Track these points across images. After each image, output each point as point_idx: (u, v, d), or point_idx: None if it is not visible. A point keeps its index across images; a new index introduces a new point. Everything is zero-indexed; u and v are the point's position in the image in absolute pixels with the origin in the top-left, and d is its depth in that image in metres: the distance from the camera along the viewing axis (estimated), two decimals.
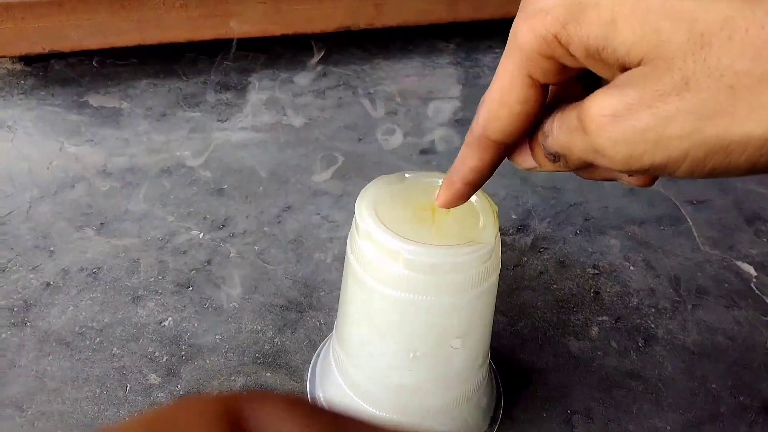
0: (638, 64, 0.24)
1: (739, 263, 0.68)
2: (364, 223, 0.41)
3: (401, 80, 1.03)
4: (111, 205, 0.70)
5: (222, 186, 0.75)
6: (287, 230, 0.69)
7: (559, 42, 0.25)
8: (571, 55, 0.26)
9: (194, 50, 1.00)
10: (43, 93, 0.89)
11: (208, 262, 0.64)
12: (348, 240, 0.45)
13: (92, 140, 0.81)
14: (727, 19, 0.21)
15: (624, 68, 0.24)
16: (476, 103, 0.88)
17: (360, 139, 0.87)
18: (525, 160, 0.32)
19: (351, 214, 0.73)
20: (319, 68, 1.04)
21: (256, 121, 0.88)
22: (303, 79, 1.01)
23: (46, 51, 0.86)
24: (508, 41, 0.28)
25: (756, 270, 0.67)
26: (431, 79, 1.04)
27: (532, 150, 0.31)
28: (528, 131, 0.30)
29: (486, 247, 0.40)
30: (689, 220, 0.75)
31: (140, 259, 0.63)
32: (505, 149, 0.31)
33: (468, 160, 0.32)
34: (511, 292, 0.64)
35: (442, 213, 0.43)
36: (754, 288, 0.64)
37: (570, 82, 0.30)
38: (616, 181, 0.31)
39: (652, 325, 0.62)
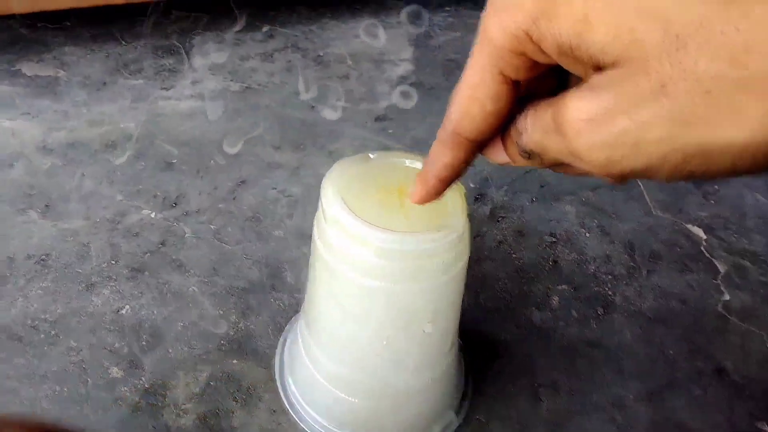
0: (613, 65, 0.23)
1: (689, 226, 0.70)
2: (332, 209, 0.40)
3: (351, 41, 1.00)
4: (54, 185, 0.67)
5: (171, 160, 0.72)
6: (243, 206, 0.67)
7: (531, 39, 0.25)
8: (543, 52, 0.25)
9: (132, 11, 0.94)
10: None
11: (163, 243, 0.62)
12: (314, 225, 0.44)
13: (28, 113, 0.76)
14: (702, 20, 0.21)
15: (598, 67, 0.24)
16: (428, 66, 0.87)
17: (312, 107, 0.85)
18: (497, 155, 0.32)
19: (308, 188, 0.71)
20: (265, 29, 1.00)
21: (201, 87, 0.85)
22: (249, 41, 0.97)
23: None
24: (477, 35, 0.27)
25: (705, 233, 0.69)
26: (382, 40, 1.02)
27: (504, 145, 0.31)
28: (501, 127, 0.30)
29: (456, 232, 0.39)
30: (640, 184, 0.76)
31: (90, 243, 0.61)
32: (479, 145, 0.31)
33: (441, 156, 0.32)
34: (473, 264, 0.64)
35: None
36: (704, 252, 0.67)
37: (542, 75, 0.29)
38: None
39: (610, 293, 0.63)
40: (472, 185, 0.75)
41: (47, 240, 0.60)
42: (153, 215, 0.64)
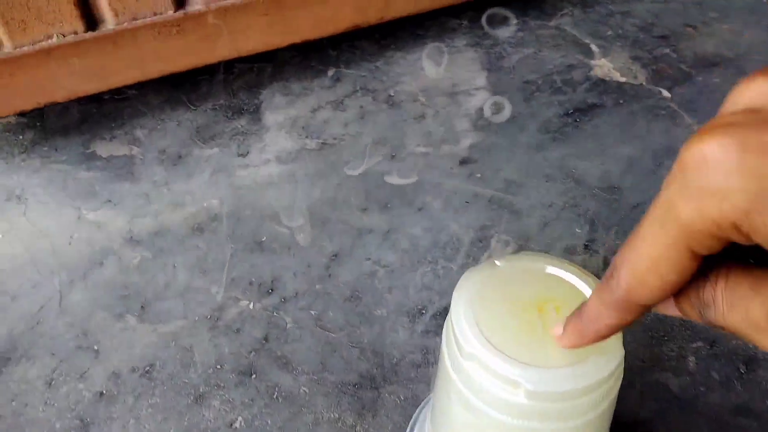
0: None
1: None
2: (469, 345, 0.36)
3: (420, 74, 0.96)
4: (147, 281, 0.65)
5: (261, 238, 0.69)
6: (341, 284, 0.64)
7: (738, 229, 0.20)
8: (752, 239, 0.21)
9: (196, 71, 0.92)
10: (45, 148, 0.83)
11: (266, 338, 0.59)
12: (444, 346, 0.40)
13: (110, 200, 0.75)
14: None
15: None
16: (504, 90, 0.80)
17: (393, 156, 0.81)
18: (666, 308, 0.28)
19: (402, 254, 0.68)
20: (330, 72, 0.97)
21: (278, 149, 0.82)
22: (317, 88, 0.93)
23: (42, 105, 0.79)
24: (658, 207, 0.23)
25: None
26: (452, 68, 0.97)
27: (677, 302, 0.27)
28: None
29: (615, 359, 0.35)
30: None
31: (193, 347, 0.58)
32: (650, 308, 0.27)
33: (606, 318, 0.28)
34: None
35: (550, 310, 0.38)
36: None
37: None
38: None
39: (750, 345, 0.57)
40: (578, 230, 0.70)
41: (149, 348, 0.58)
42: (251, 306, 0.62)
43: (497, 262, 0.41)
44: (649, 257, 0.23)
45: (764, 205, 0.19)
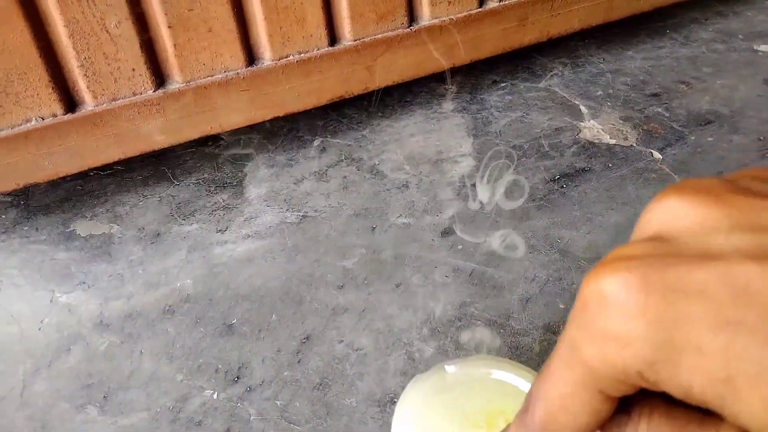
0: None
1: None
2: None
3: (406, 142, 0.95)
4: (113, 369, 0.63)
5: (231, 321, 0.67)
6: (310, 371, 0.61)
7: (645, 379, 0.18)
8: (660, 388, 0.19)
9: (182, 145, 0.92)
10: (26, 228, 0.83)
11: None
12: None
13: (84, 282, 0.74)
14: None
15: (745, 430, 0.17)
16: (492, 158, 0.77)
17: (374, 228, 0.79)
18: None
19: (376, 336, 0.65)
20: (316, 142, 0.96)
21: (258, 224, 0.81)
22: (302, 158, 0.93)
23: (21, 186, 0.79)
24: (563, 344, 0.21)
25: None
26: (438, 135, 0.96)
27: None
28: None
29: None
30: None
31: None
32: None
33: None
34: None
35: (500, 424, 0.35)
36: None
37: None
38: None
39: None
40: (562, 306, 0.67)
41: None
42: (215, 396, 0.60)
43: (447, 368, 0.39)
44: (560, 395, 0.21)
45: (670, 356, 0.17)
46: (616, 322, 0.18)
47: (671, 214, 0.19)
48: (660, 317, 0.17)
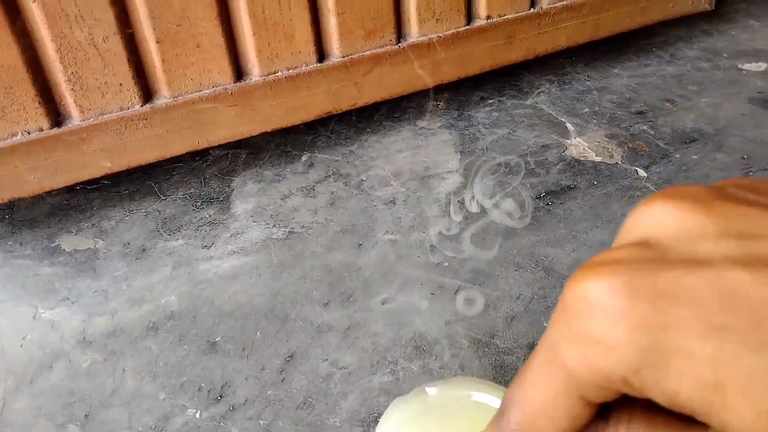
0: None
1: None
2: None
3: (394, 157, 0.95)
4: (95, 387, 0.63)
5: (215, 338, 0.67)
6: (293, 390, 0.61)
7: (630, 385, 0.18)
8: (645, 395, 0.19)
9: (169, 159, 0.92)
10: (10, 243, 0.82)
11: None
12: None
13: (68, 298, 0.73)
14: None
15: None
16: (478, 175, 0.76)
17: (360, 245, 0.79)
18: None
19: (361, 354, 0.65)
20: (304, 158, 0.96)
21: (244, 240, 0.81)
22: (289, 174, 0.93)
23: (6, 201, 0.78)
24: (543, 347, 0.21)
25: None
26: (426, 151, 0.96)
27: None
28: None
29: None
30: None
31: None
32: None
33: None
34: None
35: None
36: None
37: None
38: None
39: None
40: (545, 324, 0.67)
41: None
42: (198, 415, 0.59)
43: (428, 390, 0.39)
44: (538, 401, 0.21)
45: (657, 362, 0.17)
46: (600, 326, 0.17)
47: (657, 220, 0.19)
48: (647, 322, 0.17)
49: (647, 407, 0.21)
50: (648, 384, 0.17)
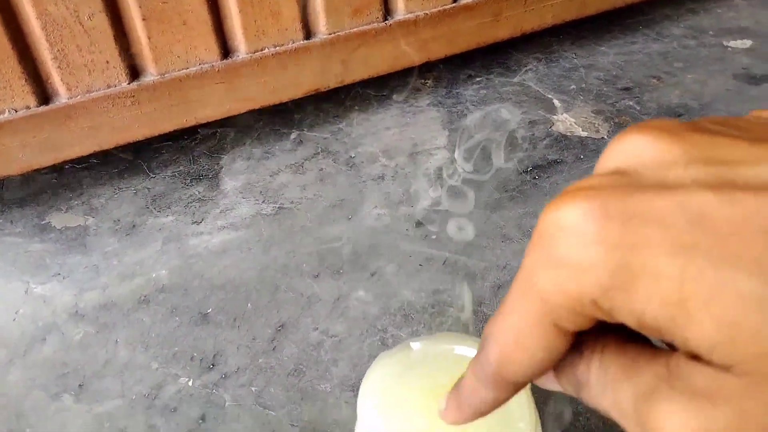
0: (725, 368, 0.17)
1: None
2: None
3: (382, 135, 0.96)
4: (88, 358, 0.63)
5: (206, 310, 0.68)
6: (284, 358, 0.62)
7: (599, 307, 0.19)
8: (615, 318, 0.19)
9: (158, 138, 0.92)
10: (0, 221, 0.82)
11: (203, 418, 0.57)
12: None
13: (59, 273, 0.74)
14: None
15: (695, 355, 0.18)
16: (466, 150, 0.78)
17: (349, 218, 0.80)
18: (547, 382, 0.26)
19: (350, 323, 0.66)
20: (293, 135, 0.97)
21: (233, 216, 0.81)
22: (278, 151, 0.93)
23: None
24: (520, 278, 0.21)
25: None
26: (414, 128, 0.97)
27: (557, 377, 0.25)
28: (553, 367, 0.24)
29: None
30: None
31: (127, 428, 0.56)
32: (524, 386, 0.25)
33: (480, 394, 0.26)
34: (542, 400, 0.57)
35: None
36: None
37: None
38: None
39: None
40: None
41: (83, 430, 0.56)
42: (190, 383, 0.60)
43: (412, 345, 0.39)
44: (515, 331, 0.22)
45: (626, 282, 0.17)
46: (573, 249, 0.18)
47: (631, 150, 0.19)
48: (618, 243, 0.17)
49: (620, 338, 0.22)
50: (617, 305, 0.18)
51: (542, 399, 0.51)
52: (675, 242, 0.16)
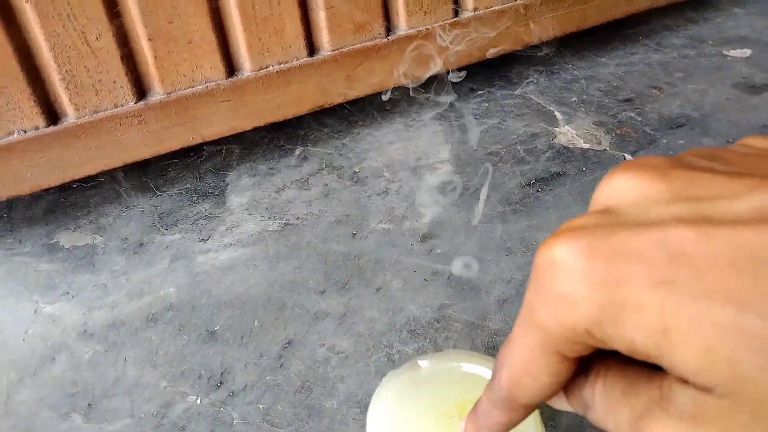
0: (708, 390, 0.18)
1: None
2: None
3: (386, 149, 0.97)
4: (97, 377, 0.64)
5: (214, 328, 0.68)
6: (292, 375, 0.63)
7: (593, 336, 0.20)
8: (609, 347, 0.21)
9: (164, 156, 0.93)
10: (9, 240, 0.83)
11: None
12: None
13: (68, 293, 0.74)
14: None
15: (682, 378, 0.19)
16: (469, 164, 0.81)
17: (354, 234, 0.80)
18: (558, 402, 0.27)
19: (357, 339, 0.66)
20: (298, 151, 0.98)
21: (240, 233, 0.82)
22: (283, 167, 0.94)
23: (4, 199, 0.79)
24: (523, 312, 0.23)
25: None
26: (417, 142, 0.98)
27: (567, 399, 0.26)
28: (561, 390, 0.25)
29: None
30: None
31: None
32: (536, 407, 0.26)
33: (494, 416, 0.28)
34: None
35: None
36: None
37: None
38: None
39: None
40: None
41: None
42: (199, 401, 0.61)
43: (420, 363, 0.40)
44: (521, 359, 0.23)
45: (613, 314, 0.19)
46: (564, 285, 0.19)
47: (618, 189, 0.21)
48: (603, 279, 0.18)
49: (621, 362, 0.23)
50: (608, 334, 0.19)
51: (549, 413, 0.51)
52: (655, 277, 0.18)
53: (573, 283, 0.19)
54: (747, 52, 1.18)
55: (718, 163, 0.21)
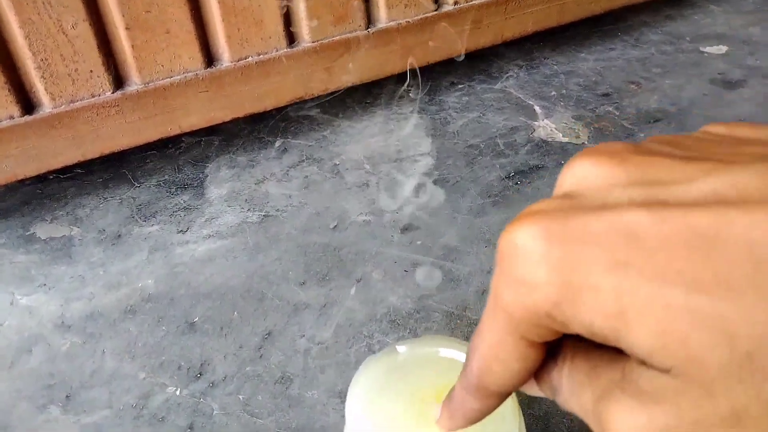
0: (664, 370, 0.18)
1: None
2: None
3: (367, 142, 0.97)
4: (75, 369, 0.63)
5: (193, 319, 0.68)
6: (272, 366, 0.62)
7: (554, 319, 0.20)
8: (570, 330, 0.21)
9: (142, 147, 0.92)
10: None
11: (191, 427, 0.57)
12: None
13: (45, 284, 0.73)
14: None
15: (642, 360, 0.19)
16: (449, 156, 0.81)
17: (335, 226, 0.80)
18: (530, 388, 0.28)
19: (337, 330, 0.67)
20: (278, 143, 0.97)
21: (219, 224, 0.81)
22: (263, 159, 0.94)
23: None
24: (490, 297, 0.23)
25: None
26: (398, 135, 0.98)
27: (537, 384, 0.27)
28: (532, 375, 0.25)
29: None
30: None
31: None
32: (508, 394, 0.27)
33: (467, 402, 0.28)
34: (531, 403, 0.58)
35: None
36: None
37: None
38: None
39: None
40: None
41: None
42: (178, 392, 0.60)
43: (398, 348, 0.40)
44: (490, 345, 0.23)
45: (571, 297, 0.19)
46: (525, 269, 0.19)
47: (580, 174, 0.21)
48: (561, 262, 0.19)
49: (587, 346, 0.23)
50: (568, 317, 0.19)
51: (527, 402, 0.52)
52: (610, 259, 0.18)
53: (533, 267, 0.19)
54: (723, 48, 1.20)
55: (677, 149, 0.21)
